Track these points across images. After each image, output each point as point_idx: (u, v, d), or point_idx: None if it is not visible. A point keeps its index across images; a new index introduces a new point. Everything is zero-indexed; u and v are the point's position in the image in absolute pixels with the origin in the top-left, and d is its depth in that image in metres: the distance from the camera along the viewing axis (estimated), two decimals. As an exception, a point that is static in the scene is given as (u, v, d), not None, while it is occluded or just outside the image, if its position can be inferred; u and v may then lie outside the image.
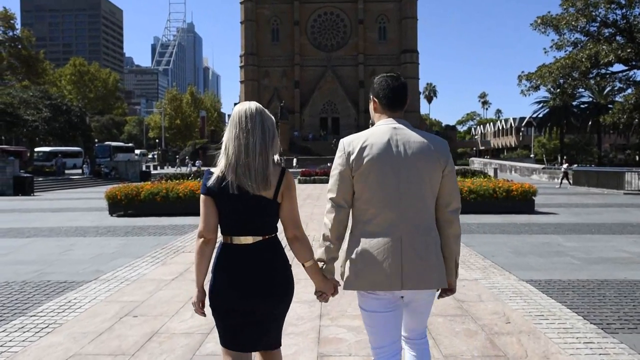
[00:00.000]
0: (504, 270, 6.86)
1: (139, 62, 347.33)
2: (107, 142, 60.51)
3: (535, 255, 7.94)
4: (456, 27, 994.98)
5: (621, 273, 6.67)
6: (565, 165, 30.21)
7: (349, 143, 2.34)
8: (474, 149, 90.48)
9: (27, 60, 51.77)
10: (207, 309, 2.40)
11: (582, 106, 63.86)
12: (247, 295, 2.27)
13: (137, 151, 68.05)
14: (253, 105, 2.34)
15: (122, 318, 4.84)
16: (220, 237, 2.35)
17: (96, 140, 62.01)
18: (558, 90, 28.26)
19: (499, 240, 9.52)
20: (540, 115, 67.07)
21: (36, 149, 48.53)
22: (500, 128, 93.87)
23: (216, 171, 2.29)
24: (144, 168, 45.76)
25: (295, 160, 50.12)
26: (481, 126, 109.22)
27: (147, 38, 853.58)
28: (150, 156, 77.21)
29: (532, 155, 67.58)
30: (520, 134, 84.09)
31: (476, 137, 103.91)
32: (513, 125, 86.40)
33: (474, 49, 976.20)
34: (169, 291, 5.85)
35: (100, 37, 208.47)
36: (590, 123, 62.26)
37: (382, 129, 2.34)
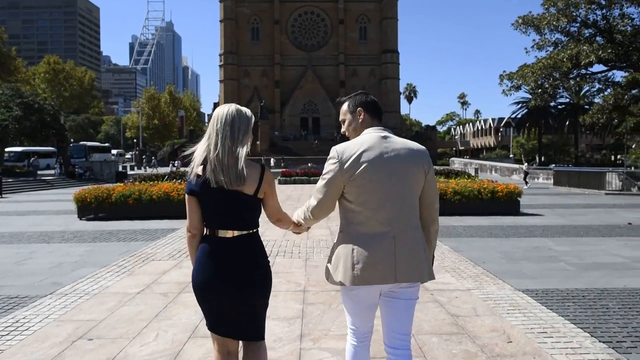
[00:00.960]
0: (497, 278, 6.43)
1: (117, 61, 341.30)
2: (82, 142, 58.96)
3: (527, 261, 7.54)
4: (436, 27, 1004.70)
5: (619, 280, 6.31)
6: (525, 165, 31.06)
7: (343, 151, 2.42)
8: (454, 149, 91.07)
9: (-2, 57, 50.11)
10: None
11: (559, 107, 64.64)
12: (226, 284, 2.39)
13: (114, 151, 66.50)
14: (229, 107, 2.47)
15: (74, 342, 4.24)
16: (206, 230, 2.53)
17: (71, 140, 60.24)
18: (539, 90, 28.16)
19: (488, 244, 9.13)
20: (519, 116, 67.72)
21: (7, 149, 46.84)
22: (480, 128, 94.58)
23: (196, 171, 2.41)
24: (120, 168, 44.62)
25: (272, 160, 47.67)
26: (460, 126, 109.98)
27: (125, 37, 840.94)
28: (127, 156, 75.63)
29: (511, 155, 68.17)
30: (499, 134, 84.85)
31: (456, 137, 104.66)
32: (492, 125, 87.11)
33: (454, 49, 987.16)
34: (132, 307, 5.26)
35: (77, 35, 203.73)
36: (567, 123, 63.11)
37: (373, 137, 2.47)
